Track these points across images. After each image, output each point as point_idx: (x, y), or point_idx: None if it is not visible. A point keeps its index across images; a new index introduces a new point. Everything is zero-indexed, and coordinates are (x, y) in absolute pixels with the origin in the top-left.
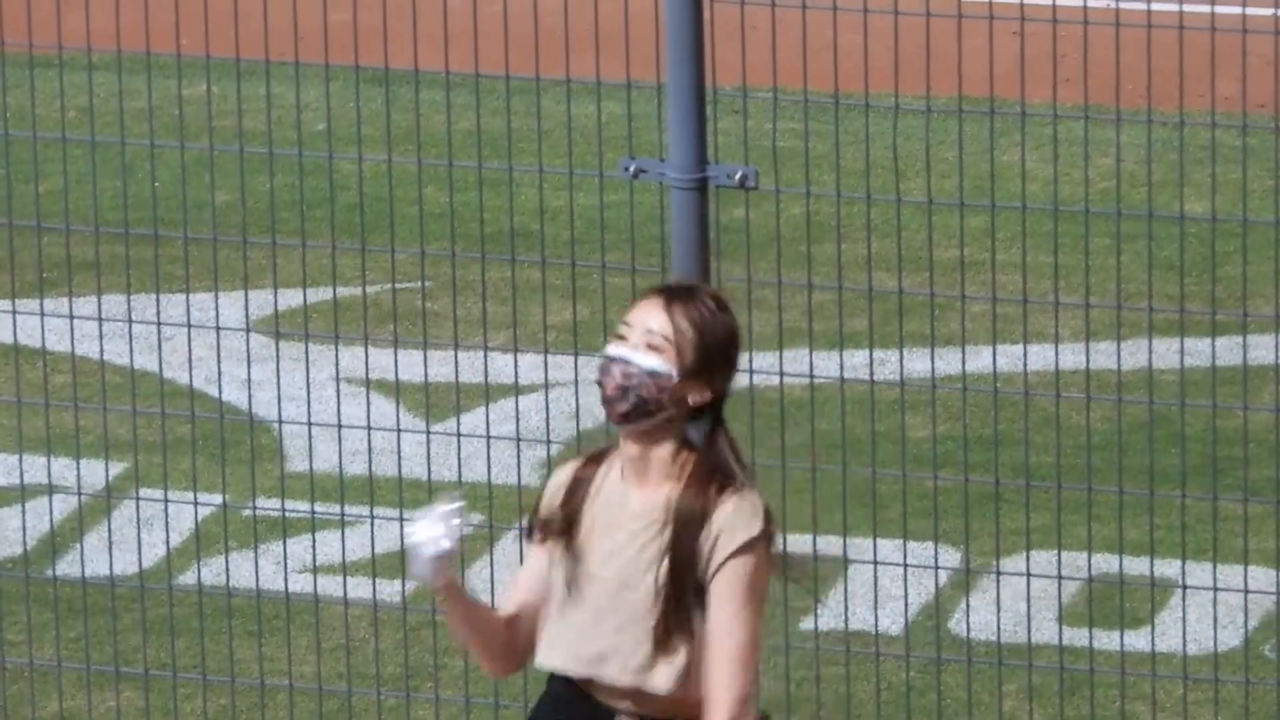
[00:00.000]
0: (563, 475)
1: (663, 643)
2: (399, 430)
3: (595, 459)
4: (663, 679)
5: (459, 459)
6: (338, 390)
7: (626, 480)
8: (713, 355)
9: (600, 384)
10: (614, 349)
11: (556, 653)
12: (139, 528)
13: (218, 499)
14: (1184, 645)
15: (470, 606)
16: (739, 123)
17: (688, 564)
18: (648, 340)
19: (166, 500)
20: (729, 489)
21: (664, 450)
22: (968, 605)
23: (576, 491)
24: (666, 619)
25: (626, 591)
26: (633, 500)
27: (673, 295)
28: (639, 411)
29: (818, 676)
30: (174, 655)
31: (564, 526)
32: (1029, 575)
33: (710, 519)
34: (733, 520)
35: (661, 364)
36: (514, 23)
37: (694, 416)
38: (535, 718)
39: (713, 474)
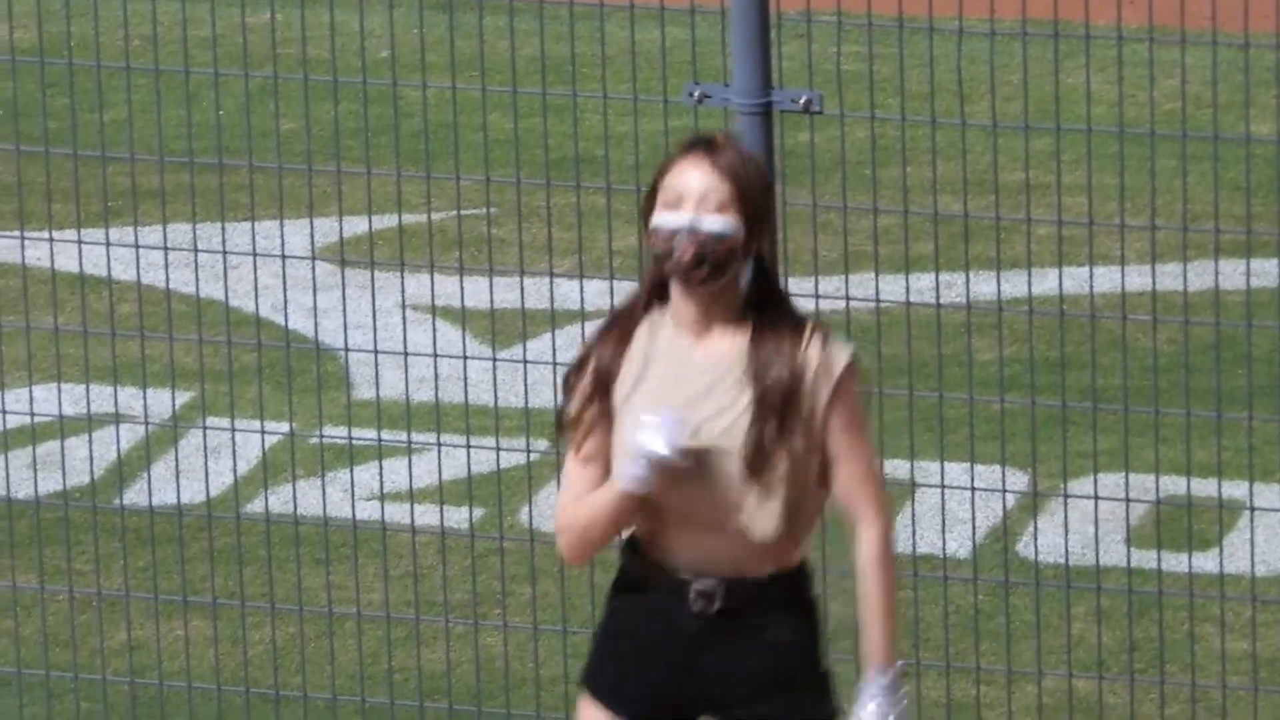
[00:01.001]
0: (608, 345)
1: (759, 487)
2: (465, 357)
3: (626, 323)
4: (764, 524)
5: (525, 385)
6: (404, 317)
7: (684, 336)
8: (763, 200)
9: (666, 254)
10: (677, 218)
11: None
12: (206, 457)
13: (284, 427)
14: (1252, 567)
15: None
16: (803, 47)
17: (777, 407)
18: (708, 204)
19: (233, 429)
20: (802, 328)
21: (726, 302)
22: (1035, 528)
23: (622, 357)
24: (758, 461)
25: (713, 443)
26: (697, 355)
27: (708, 150)
28: (716, 274)
29: None
30: (241, 584)
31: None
32: (1096, 498)
33: (798, 360)
34: (825, 356)
35: (730, 224)
36: None
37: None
38: (618, 606)
39: (780, 317)
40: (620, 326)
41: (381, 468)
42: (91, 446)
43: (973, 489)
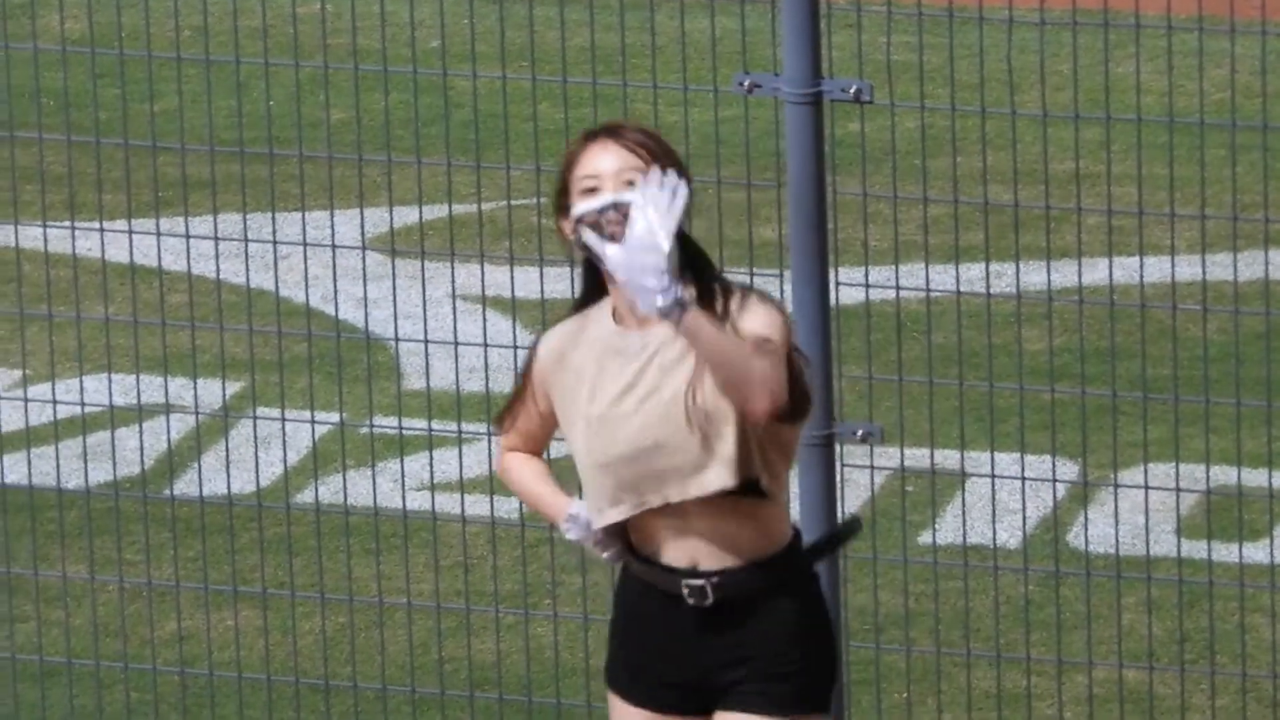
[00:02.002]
0: (551, 343)
1: (706, 440)
2: (515, 347)
3: (567, 324)
4: (717, 475)
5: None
6: (454, 307)
7: (622, 325)
8: (674, 167)
9: (596, 238)
10: (599, 200)
11: (612, 508)
12: (256, 447)
13: (335, 417)
14: None
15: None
16: (853, 37)
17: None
18: (625, 179)
19: (284, 419)
20: (731, 294)
21: None
22: (1085, 518)
23: (566, 354)
24: (698, 416)
25: (659, 412)
26: (634, 339)
27: (610, 134)
28: None
29: (936, 591)
30: (291, 574)
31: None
32: (1147, 488)
33: (729, 319)
34: (744, 303)
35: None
36: None
37: None
38: (623, 602)
39: (712, 291)
40: (569, 323)
41: (432, 458)
42: (142, 437)
43: (1023, 479)
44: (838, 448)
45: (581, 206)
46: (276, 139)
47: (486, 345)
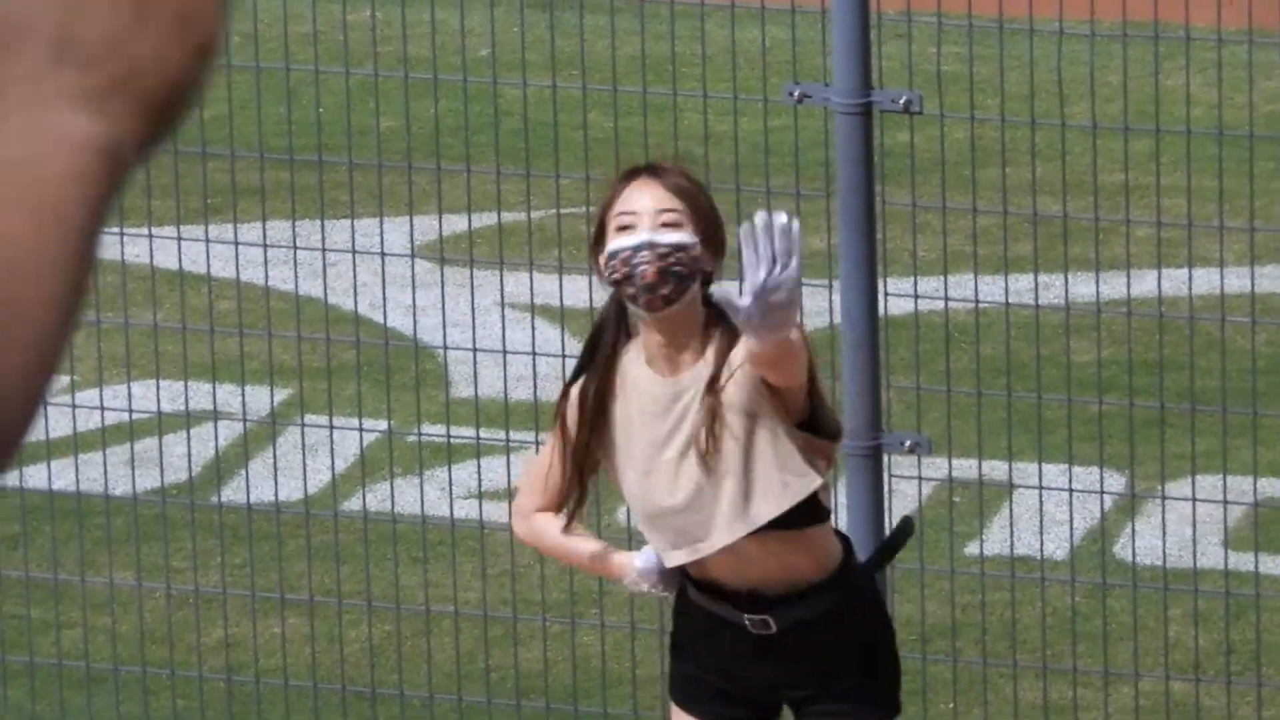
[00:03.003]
0: (589, 391)
1: (744, 475)
2: (564, 355)
3: (600, 369)
4: (763, 507)
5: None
6: (503, 316)
7: (656, 370)
8: (714, 217)
9: (629, 278)
10: (634, 238)
11: (673, 551)
12: (304, 454)
13: (382, 425)
14: None
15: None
16: (903, 47)
17: (714, 407)
18: (663, 220)
19: (331, 426)
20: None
21: (690, 328)
22: (1133, 530)
23: (601, 403)
24: (719, 462)
25: (696, 460)
26: (666, 388)
27: (653, 174)
28: (679, 289)
29: (983, 601)
30: (339, 581)
31: (592, 440)
32: (1194, 500)
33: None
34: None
35: (685, 236)
36: None
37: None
38: (686, 630)
39: (732, 333)
40: (602, 360)
41: (480, 466)
42: (189, 443)
43: (1070, 490)
44: (885, 458)
45: (614, 244)
46: (326, 146)
47: (535, 354)
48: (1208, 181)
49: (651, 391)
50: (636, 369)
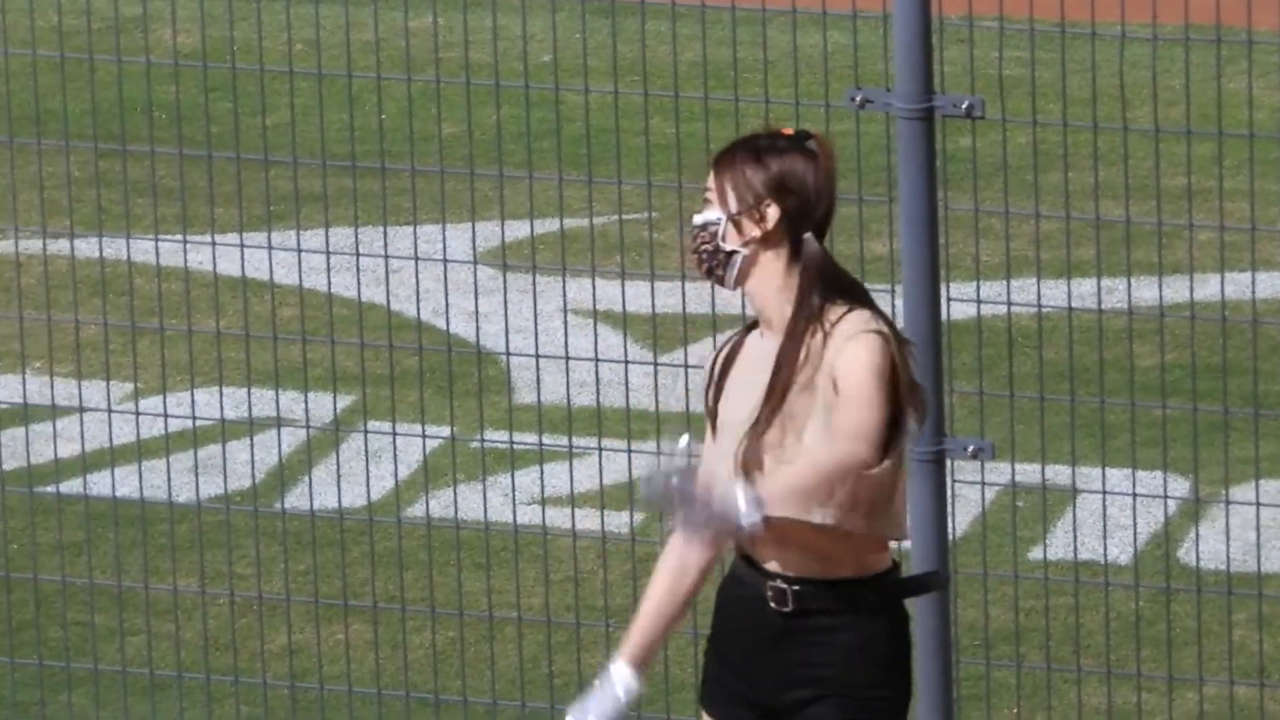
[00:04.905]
0: (722, 356)
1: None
2: (626, 361)
3: (734, 339)
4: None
5: (686, 389)
6: (565, 322)
7: (764, 338)
8: (742, 184)
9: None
10: (699, 216)
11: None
12: (367, 460)
13: (445, 431)
14: None
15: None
16: (965, 52)
17: (779, 392)
18: (704, 198)
19: (394, 433)
20: (832, 304)
21: (771, 296)
22: (1196, 534)
23: (726, 368)
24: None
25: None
26: (762, 346)
27: (720, 152)
28: (712, 264)
29: (1047, 607)
30: (402, 588)
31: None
32: (1258, 504)
33: (815, 344)
34: (842, 327)
35: (711, 214)
36: None
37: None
38: (720, 604)
39: (806, 294)
40: (740, 332)
41: (543, 472)
42: (253, 450)
43: (1134, 495)
44: (948, 463)
45: (696, 218)
46: (388, 153)
47: (598, 360)
48: (1271, 185)
49: (753, 348)
50: (754, 337)
